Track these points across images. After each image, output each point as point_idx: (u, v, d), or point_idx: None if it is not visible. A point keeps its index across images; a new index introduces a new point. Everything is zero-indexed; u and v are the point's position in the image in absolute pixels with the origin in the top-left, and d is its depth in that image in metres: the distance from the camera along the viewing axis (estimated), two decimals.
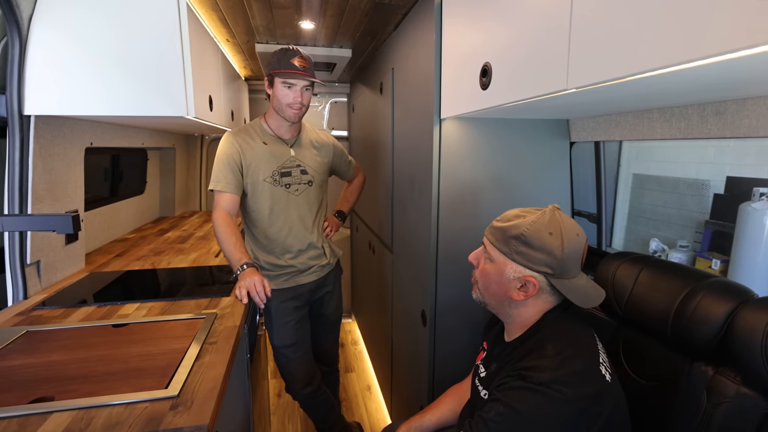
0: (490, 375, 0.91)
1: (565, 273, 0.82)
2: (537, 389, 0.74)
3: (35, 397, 0.78)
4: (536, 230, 0.81)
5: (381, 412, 2.21)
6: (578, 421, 0.73)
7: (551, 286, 0.83)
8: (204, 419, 0.73)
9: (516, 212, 0.88)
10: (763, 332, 0.70)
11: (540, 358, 0.78)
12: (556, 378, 0.73)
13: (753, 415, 0.71)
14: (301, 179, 1.57)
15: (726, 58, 0.47)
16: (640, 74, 0.58)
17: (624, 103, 0.98)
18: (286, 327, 1.58)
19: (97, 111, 1.25)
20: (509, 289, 0.85)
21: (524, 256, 0.82)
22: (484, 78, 1.00)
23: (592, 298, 0.84)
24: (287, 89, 1.44)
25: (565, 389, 0.73)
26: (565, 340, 0.80)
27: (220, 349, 0.98)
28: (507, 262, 0.84)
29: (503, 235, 0.85)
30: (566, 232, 0.82)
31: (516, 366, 0.80)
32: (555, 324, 0.84)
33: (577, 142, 1.40)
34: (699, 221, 3.85)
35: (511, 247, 0.83)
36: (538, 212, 0.85)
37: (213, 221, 1.42)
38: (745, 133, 0.84)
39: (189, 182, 3.00)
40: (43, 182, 1.29)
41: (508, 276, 0.84)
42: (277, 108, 1.49)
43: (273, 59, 1.44)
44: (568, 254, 0.81)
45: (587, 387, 0.74)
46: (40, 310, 1.18)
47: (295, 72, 1.41)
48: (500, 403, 0.77)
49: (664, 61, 0.53)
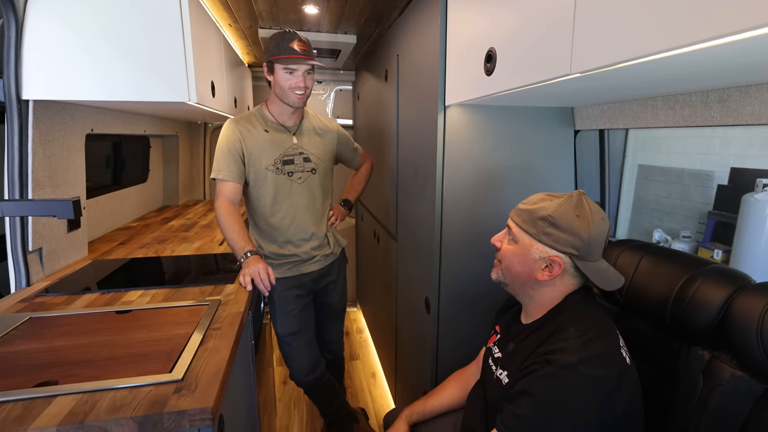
0: (508, 355, 0.93)
1: (589, 255, 0.84)
2: (565, 373, 0.74)
3: (39, 381, 0.79)
4: (564, 212, 0.83)
5: (385, 399, 2.24)
6: (604, 404, 0.74)
7: (575, 267, 0.85)
8: (208, 402, 0.74)
9: (542, 196, 0.89)
10: (759, 316, 0.71)
11: (564, 339, 0.79)
12: (582, 359, 0.74)
13: (747, 398, 0.72)
14: (304, 167, 1.55)
15: (727, 40, 0.47)
16: (641, 58, 0.58)
17: (627, 91, 0.97)
18: (289, 315, 1.59)
19: (96, 96, 1.24)
20: (534, 269, 0.86)
21: (551, 237, 0.83)
22: (489, 63, 0.99)
23: (613, 282, 0.85)
24: (289, 74, 1.42)
25: (592, 371, 0.74)
26: (588, 322, 0.82)
27: (225, 335, 0.98)
28: (533, 243, 0.85)
29: (530, 216, 0.86)
30: (593, 215, 0.83)
31: (540, 350, 0.81)
32: (577, 307, 0.86)
33: (582, 130, 1.38)
34: (702, 212, 3.84)
35: (538, 228, 0.85)
36: (564, 196, 0.86)
37: (215, 210, 1.42)
38: (748, 121, 0.83)
39: (193, 170, 2.99)
40: (43, 168, 1.29)
41: (534, 256, 0.86)
42: (280, 94, 1.47)
43: (271, 44, 1.42)
44: (593, 236, 0.82)
45: (612, 369, 0.76)
46: (43, 297, 1.19)
47: (296, 56, 1.39)
48: (530, 397, 0.77)
49: (665, 45, 0.53)
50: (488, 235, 1.38)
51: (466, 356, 1.27)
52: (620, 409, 0.75)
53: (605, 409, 0.74)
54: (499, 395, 0.88)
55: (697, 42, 0.49)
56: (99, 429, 0.69)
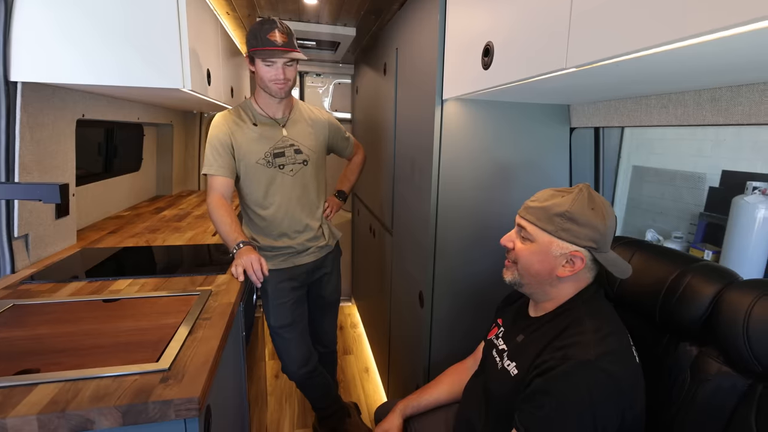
0: (517, 346, 0.92)
1: (604, 247, 0.85)
2: (583, 369, 0.74)
3: (20, 369, 0.77)
4: (580, 206, 0.83)
5: (378, 394, 2.24)
6: (622, 400, 0.75)
7: (593, 260, 0.86)
8: (195, 392, 0.73)
9: (550, 192, 0.89)
10: (746, 313, 0.72)
11: (581, 333, 0.79)
12: (600, 356, 0.74)
13: (732, 393, 0.73)
14: (296, 159, 1.54)
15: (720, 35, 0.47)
16: (635, 53, 0.59)
17: (622, 88, 0.98)
18: (282, 307, 1.58)
19: (87, 80, 1.21)
20: (555, 266, 0.86)
21: (570, 233, 0.83)
22: (486, 57, 0.99)
23: (625, 270, 0.86)
24: (268, 66, 1.39)
25: (610, 367, 0.74)
26: (602, 318, 0.82)
27: (214, 325, 0.97)
28: (553, 240, 0.85)
29: (545, 213, 0.86)
30: (605, 207, 0.85)
31: (555, 344, 0.81)
32: (590, 302, 0.86)
33: (578, 127, 1.38)
34: (694, 213, 3.88)
35: (557, 224, 0.84)
36: (573, 191, 0.86)
37: (208, 205, 1.41)
38: (738, 120, 0.84)
39: (187, 161, 2.96)
40: (31, 153, 1.27)
41: (554, 253, 0.85)
42: (262, 85, 1.45)
43: (249, 35, 1.38)
44: (609, 227, 0.84)
45: (628, 365, 0.77)
46: (28, 284, 1.17)
47: (274, 49, 1.35)
48: (550, 396, 0.76)
49: (658, 40, 0.54)
50: (484, 230, 1.40)
51: (459, 350, 1.28)
52: (636, 406, 0.76)
53: (626, 407, 0.75)
54: (508, 385, 0.88)
55: (689, 37, 0.50)
56: (81, 418, 0.68)
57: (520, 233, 0.91)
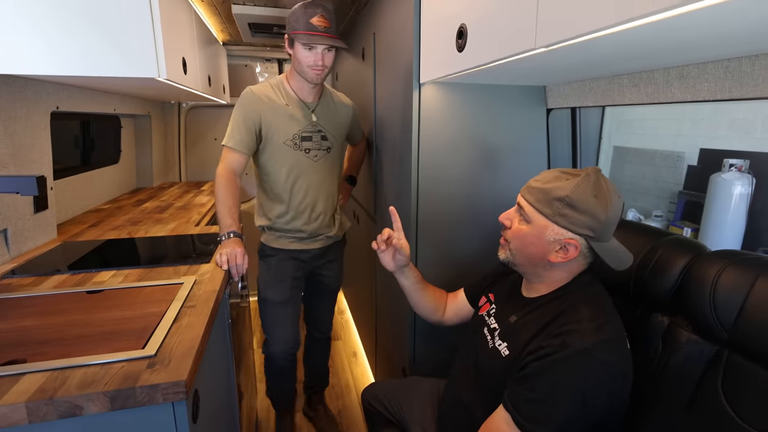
0: (509, 327, 0.91)
1: (603, 236, 0.81)
2: (579, 357, 0.74)
3: (6, 360, 0.78)
4: (582, 192, 0.79)
5: (366, 377, 2.28)
6: (615, 388, 0.76)
7: (589, 249, 0.83)
8: (181, 375, 0.74)
9: (556, 173, 0.85)
10: (712, 282, 0.76)
11: (577, 321, 0.78)
12: (597, 344, 0.74)
13: (701, 359, 0.77)
14: (321, 145, 1.53)
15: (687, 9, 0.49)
16: (599, 31, 0.60)
17: (594, 67, 0.99)
18: (283, 284, 1.58)
19: (52, 71, 1.18)
20: (548, 251, 0.84)
21: (567, 219, 0.80)
22: (460, 40, 0.99)
23: (625, 261, 0.83)
24: (308, 51, 1.38)
25: (605, 356, 0.74)
26: (598, 305, 0.82)
27: (199, 312, 0.98)
28: (548, 224, 0.82)
29: (545, 196, 0.82)
30: (610, 195, 0.80)
31: (551, 330, 0.80)
32: (586, 288, 0.86)
33: (554, 108, 1.41)
34: (673, 192, 3.97)
35: (554, 209, 0.81)
36: (580, 174, 0.82)
37: (216, 175, 1.40)
38: (704, 96, 0.86)
39: (168, 152, 2.92)
40: (5, 146, 1.24)
41: (548, 238, 0.83)
42: (299, 70, 1.44)
43: (291, 17, 1.38)
44: (610, 218, 0.80)
45: (622, 354, 0.78)
46: (9, 279, 1.16)
47: (315, 34, 1.34)
48: (544, 380, 0.76)
49: (622, 17, 0.55)
50: (465, 212, 1.42)
51: (443, 332, 1.31)
52: (624, 392, 0.78)
53: (615, 393, 0.76)
54: (499, 365, 0.88)
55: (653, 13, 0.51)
56: (69, 404, 0.69)
57: (519, 212, 0.88)
